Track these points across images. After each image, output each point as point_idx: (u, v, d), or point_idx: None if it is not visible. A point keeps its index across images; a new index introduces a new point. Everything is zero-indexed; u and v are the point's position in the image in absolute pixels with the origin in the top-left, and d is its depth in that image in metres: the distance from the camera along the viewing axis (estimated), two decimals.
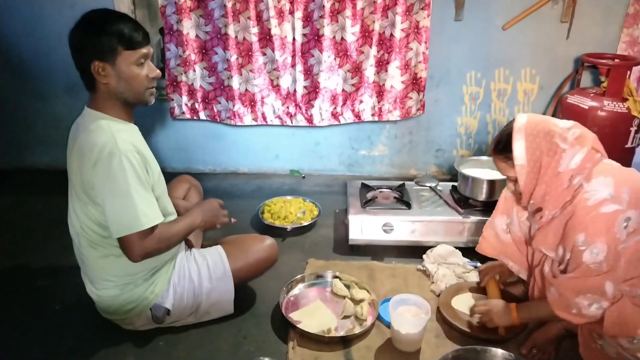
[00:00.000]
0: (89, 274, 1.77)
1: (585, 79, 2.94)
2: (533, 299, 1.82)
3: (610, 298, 1.49)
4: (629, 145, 2.63)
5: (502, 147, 1.63)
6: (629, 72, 2.63)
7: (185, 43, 2.91)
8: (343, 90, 3.05)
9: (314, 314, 1.96)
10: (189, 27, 2.88)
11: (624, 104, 2.57)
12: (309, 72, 2.99)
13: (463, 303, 1.99)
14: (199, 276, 1.84)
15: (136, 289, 1.74)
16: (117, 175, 1.51)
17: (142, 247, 1.58)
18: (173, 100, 3.10)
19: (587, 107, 2.62)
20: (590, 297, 1.50)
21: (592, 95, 2.68)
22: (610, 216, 1.44)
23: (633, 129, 2.59)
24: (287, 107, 3.10)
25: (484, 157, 2.54)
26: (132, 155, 1.54)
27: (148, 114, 3.21)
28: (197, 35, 2.93)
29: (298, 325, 1.85)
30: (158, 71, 1.62)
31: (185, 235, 1.76)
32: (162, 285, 1.78)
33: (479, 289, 2.05)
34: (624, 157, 2.61)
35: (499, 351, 1.67)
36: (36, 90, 3.23)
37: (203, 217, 1.80)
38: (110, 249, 1.66)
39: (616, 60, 2.69)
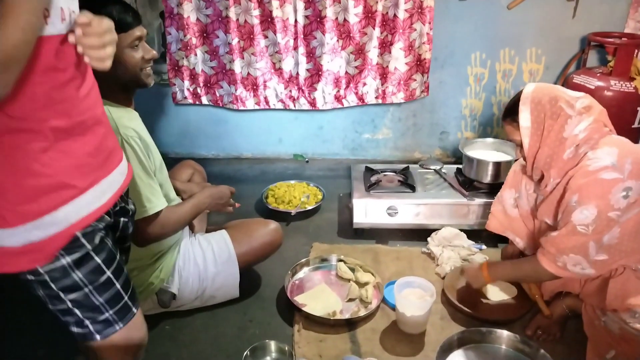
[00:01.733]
0: None
1: (592, 58, 2.90)
2: None
3: (592, 261, 1.50)
4: (635, 125, 2.60)
5: (510, 111, 1.69)
6: (636, 51, 2.58)
7: (186, 26, 2.88)
8: (346, 72, 3.01)
9: (319, 297, 1.96)
10: (189, 11, 2.85)
11: (631, 83, 2.53)
12: (311, 55, 2.96)
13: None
14: (204, 260, 1.84)
15: (141, 274, 1.74)
16: None
17: (147, 233, 1.59)
18: (175, 85, 3.08)
19: (593, 87, 2.58)
20: (573, 258, 1.52)
21: (598, 74, 2.64)
22: (609, 183, 1.45)
23: None
24: (290, 91, 3.08)
25: (489, 139, 2.52)
26: (133, 141, 1.53)
27: (150, 98, 3.19)
28: (197, 19, 2.90)
29: (303, 309, 1.86)
30: (154, 52, 1.56)
31: (192, 218, 1.76)
32: (168, 270, 1.79)
33: None
34: (630, 138, 2.53)
35: (504, 332, 1.68)
36: None
37: (211, 201, 1.81)
38: None
39: (623, 39, 2.65)
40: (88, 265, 1.09)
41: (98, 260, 1.11)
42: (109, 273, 1.13)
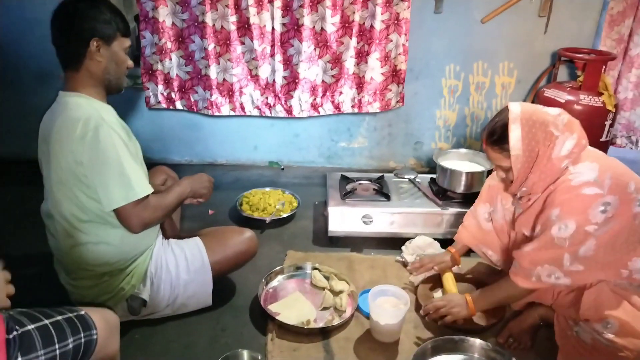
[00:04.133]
0: (64, 263, 1.73)
1: (562, 73, 2.98)
2: None
3: (566, 271, 1.52)
4: (603, 138, 2.68)
5: (497, 137, 1.60)
6: (604, 67, 2.67)
7: (161, 31, 2.85)
8: (323, 81, 3.02)
9: (293, 305, 1.94)
10: (165, 15, 2.82)
11: (599, 98, 2.62)
12: (288, 62, 2.96)
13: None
14: (176, 267, 1.81)
15: (112, 279, 1.70)
16: (107, 146, 1.52)
17: (140, 216, 1.59)
18: (148, 89, 3.03)
19: (563, 101, 2.66)
20: (547, 268, 1.54)
21: (568, 89, 2.72)
22: (590, 198, 1.47)
23: (607, 123, 2.64)
24: (266, 98, 3.07)
25: (462, 150, 2.56)
26: (117, 127, 1.56)
27: (122, 102, 3.13)
28: (173, 23, 2.87)
29: (277, 317, 1.84)
30: (132, 62, 1.72)
31: (177, 205, 1.77)
32: (139, 276, 1.75)
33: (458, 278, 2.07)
34: (599, 150, 2.66)
35: (477, 341, 1.69)
36: (5, 79, 3.12)
37: (192, 186, 1.82)
38: (88, 237, 1.63)
39: (592, 55, 2.73)
40: None
41: None
42: None
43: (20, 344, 1.07)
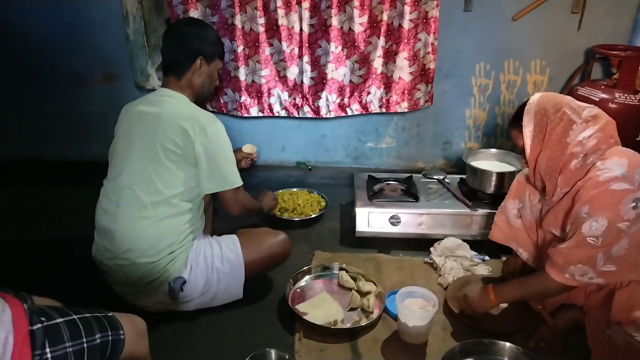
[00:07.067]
0: (120, 238, 1.75)
1: (596, 70, 2.90)
2: None
3: (599, 272, 1.50)
4: None
5: (515, 117, 1.72)
6: None
7: None
8: (350, 81, 3.02)
9: (320, 305, 1.95)
10: (195, 17, 2.86)
11: (636, 96, 2.53)
12: (316, 63, 2.97)
13: None
14: (212, 257, 1.87)
15: (161, 260, 1.75)
16: (224, 139, 1.83)
17: (240, 202, 1.91)
18: None
19: (598, 99, 2.58)
20: (581, 268, 1.52)
21: (603, 87, 2.65)
22: (619, 193, 1.45)
23: None
24: (294, 99, 3.08)
25: (493, 150, 2.52)
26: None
27: None
28: None
29: (304, 317, 1.85)
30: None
31: (258, 211, 2.23)
32: (182, 261, 1.81)
33: (488, 281, 2.04)
34: (634, 150, 2.58)
35: (507, 344, 1.67)
36: (44, 82, 3.23)
37: (266, 204, 2.34)
38: (158, 211, 1.74)
39: (628, 51, 2.65)
40: None
41: None
42: None
43: (47, 335, 1.11)
